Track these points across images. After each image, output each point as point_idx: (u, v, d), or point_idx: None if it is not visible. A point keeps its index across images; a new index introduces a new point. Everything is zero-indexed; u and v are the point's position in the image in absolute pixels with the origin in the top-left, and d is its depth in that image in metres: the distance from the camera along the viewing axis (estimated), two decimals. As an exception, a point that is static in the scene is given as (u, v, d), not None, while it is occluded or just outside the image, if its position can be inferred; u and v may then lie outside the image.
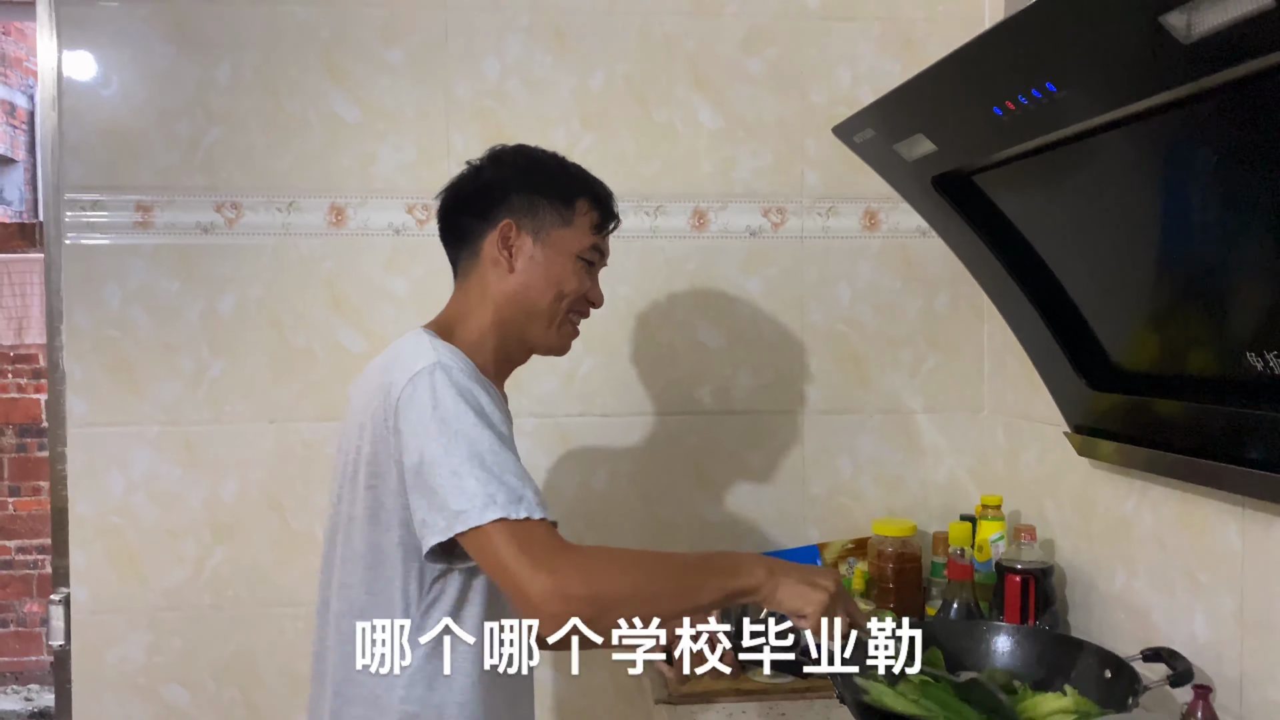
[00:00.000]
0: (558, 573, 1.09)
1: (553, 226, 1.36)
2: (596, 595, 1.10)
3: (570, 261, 1.36)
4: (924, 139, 1.43)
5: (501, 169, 1.39)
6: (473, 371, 1.24)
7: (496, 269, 1.36)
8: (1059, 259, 1.50)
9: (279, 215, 1.93)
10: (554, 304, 1.36)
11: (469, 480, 1.13)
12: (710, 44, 2.02)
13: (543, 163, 1.41)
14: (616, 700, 2.01)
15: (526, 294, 1.35)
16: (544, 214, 1.35)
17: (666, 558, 1.27)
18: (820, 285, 2.06)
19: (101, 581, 1.91)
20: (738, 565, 1.19)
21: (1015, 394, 1.99)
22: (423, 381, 1.19)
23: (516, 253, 1.35)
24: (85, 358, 1.90)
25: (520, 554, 1.10)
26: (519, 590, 1.10)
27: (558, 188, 1.37)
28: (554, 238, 1.36)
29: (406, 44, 1.95)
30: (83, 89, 1.89)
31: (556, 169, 1.40)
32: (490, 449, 1.15)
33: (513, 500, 1.12)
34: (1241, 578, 1.37)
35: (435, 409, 1.17)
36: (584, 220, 1.37)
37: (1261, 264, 1.11)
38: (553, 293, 1.36)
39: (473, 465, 1.14)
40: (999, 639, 1.54)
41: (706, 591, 1.17)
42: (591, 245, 1.38)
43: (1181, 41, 0.89)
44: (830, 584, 1.19)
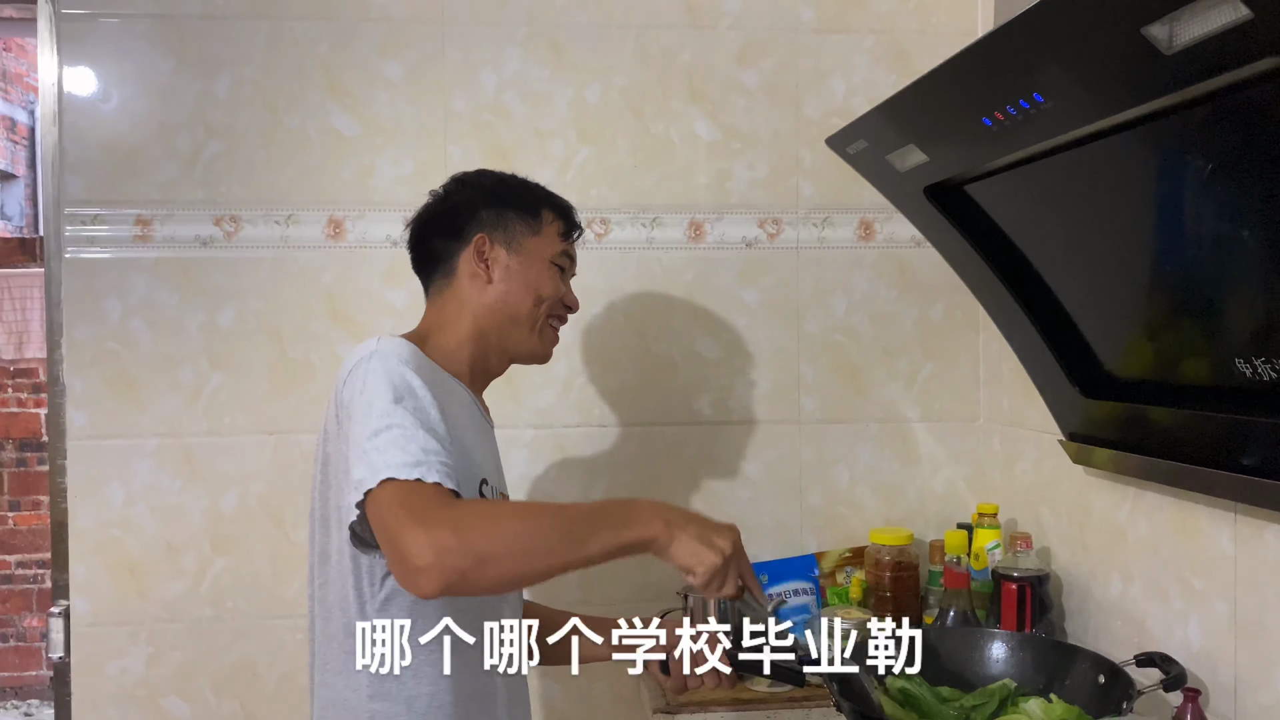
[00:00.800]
0: (432, 526, 1.05)
1: (524, 236, 1.41)
2: (470, 546, 1.05)
3: (545, 267, 1.42)
4: (916, 149, 1.44)
5: (467, 190, 1.44)
6: (415, 360, 1.24)
7: (475, 282, 1.40)
8: (1051, 268, 1.51)
9: (278, 228, 1.94)
10: (534, 309, 1.41)
11: (373, 454, 1.11)
12: (706, 57, 2.03)
13: (505, 179, 1.47)
14: (615, 710, 2.02)
15: (506, 302, 1.40)
16: (514, 225, 1.41)
17: (553, 508, 1.19)
18: (816, 295, 2.08)
19: (101, 594, 1.91)
20: (631, 516, 1.14)
21: (1011, 403, 2.00)
22: (360, 368, 1.21)
23: (493, 264, 1.40)
24: (85, 371, 1.91)
25: (399, 511, 1.08)
26: (395, 548, 1.06)
27: (522, 200, 1.44)
28: (526, 246, 1.41)
29: (404, 58, 1.97)
30: (83, 104, 1.90)
31: (519, 184, 1.47)
32: (402, 424, 1.13)
33: (408, 464, 1.10)
34: (1235, 583, 1.38)
35: (362, 392, 1.18)
36: (551, 228, 1.44)
37: (1248, 271, 1.12)
38: (532, 298, 1.40)
39: (382, 438, 1.12)
40: (995, 646, 1.55)
41: (595, 542, 1.11)
42: (562, 250, 1.44)
43: (1164, 52, 0.90)
44: (726, 545, 1.15)
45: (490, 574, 1.07)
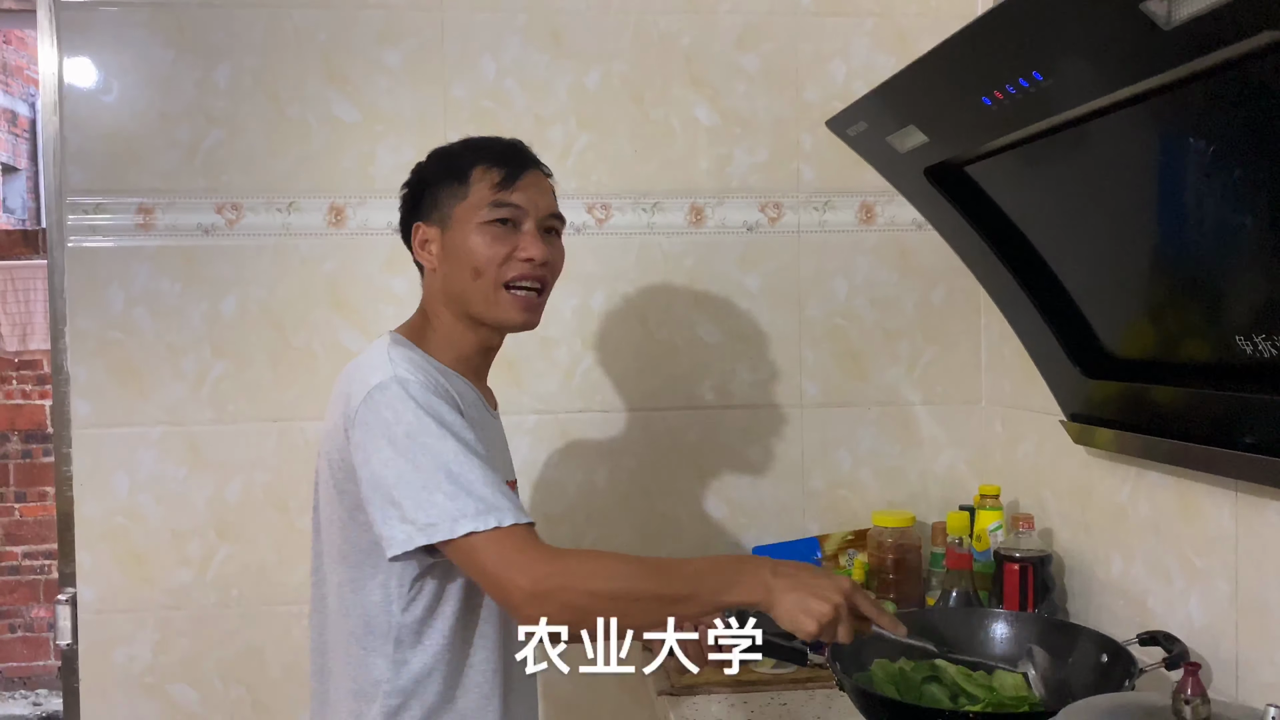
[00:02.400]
0: (534, 577, 1.09)
1: (452, 207, 1.33)
2: (573, 604, 1.09)
3: (474, 233, 1.31)
4: (916, 130, 1.44)
5: (411, 178, 1.40)
6: (432, 382, 1.23)
7: (428, 272, 1.37)
8: (1052, 249, 1.51)
9: (279, 216, 1.94)
10: (475, 281, 1.31)
11: (437, 495, 1.13)
12: (705, 41, 2.03)
13: (443, 151, 1.39)
14: (619, 692, 2.03)
15: (452, 283, 1.33)
16: (443, 201, 1.33)
17: (655, 566, 1.19)
18: (817, 279, 2.08)
19: (108, 582, 1.92)
20: (736, 578, 1.13)
21: (1012, 384, 2.01)
22: (379, 396, 1.19)
23: (432, 249, 1.34)
24: (89, 360, 1.91)
25: (497, 562, 1.11)
26: (503, 598, 1.13)
27: (450, 169, 1.35)
28: (455, 217, 1.32)
29: (404, 46, 1.97)
30: (83, 94, 1.90)
31: (450, 151, 1.38)
32: (455, 460, 1.15)
33: (481, 511, 1.12)
34: (1236, 561, 1.38)
35: (395, 424, 1.17)
36: (481, 185, 1.32)
37: (1248, 248, 1.12)
38: (468, 270, 1.31)
39: (441, 479, 1.13)
40: (998, 627, 1.56)
41: (694, 604, 1.12)
42: (491, 203, 1.31)
43: (1163, 28, 0.90)
44: (835, 595, 1.11)
45: (589, 624, 1.10)
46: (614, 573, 1.15)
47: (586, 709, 2.03)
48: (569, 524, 2.02)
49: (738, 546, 2.05)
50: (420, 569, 1.24)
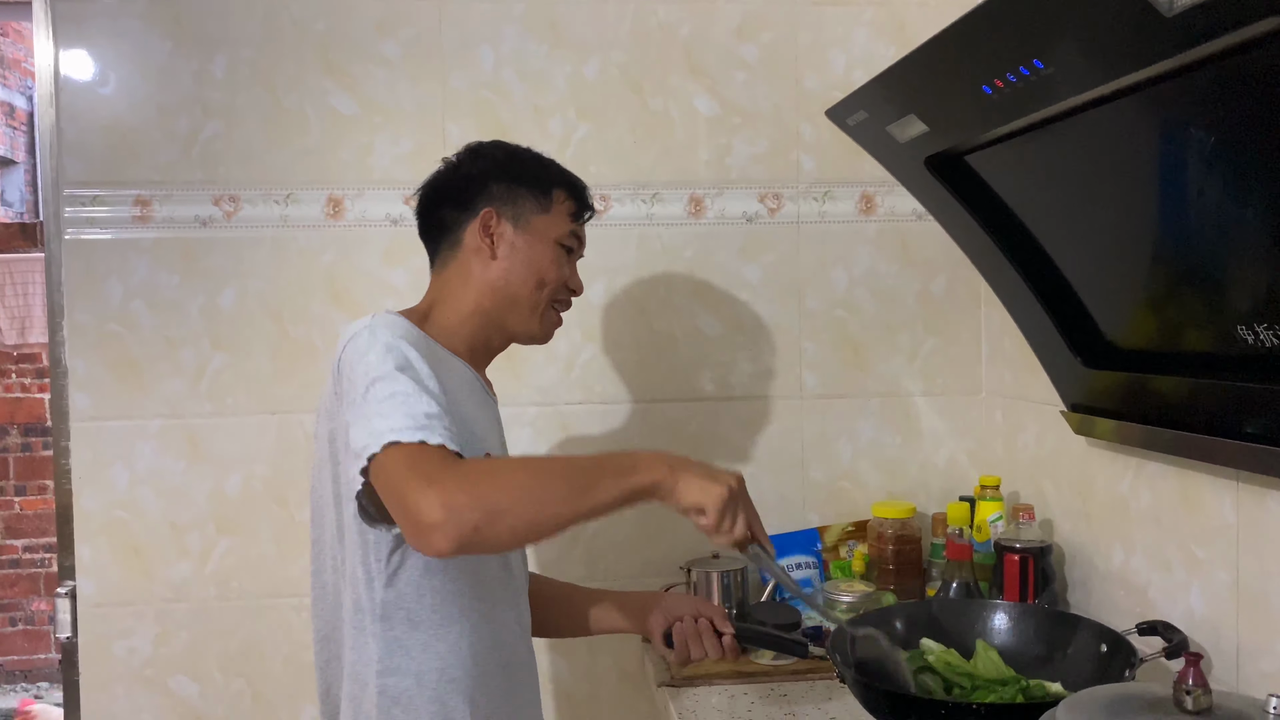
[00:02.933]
0: (441, 484, 1.06)
1: (532, 214, 1.38)
2: (481, 501, 1.07)
3: (550, 248, 1.39)
4: (916, 120, 1.43)
5: (480, 161, 1.41)
6: (410, 335, 1.24)
7: (479, 257, 1.37)
8: (1052, 238, 1.51)
9: (277, 208, 1.94)
10: (535, 292, 1.38)
11: (375, 419, 1.12)
12: (704, 31, 2.02)
13: (519, 154, 1.43)
14: (620, 684, 2.03)
15: (509, 281, 1.37)
16: (523, 202, 1.38)
17: (560, 460, 1.26)
18: (817, 270, 2.07)
19: (107, 575, 1.92)
20: (635, 463, 1.16)
21: (1013, 375, 2.00)
22: (355, 342, 1.21)
23: (498, 240, 1.37)
24: (87, 353, 1.91)
25: (407, 472, 1.08)
26: (405, 508, 1.07)
27: (535, 177, 1.40)
28: (534, 225, 1.38)
29: (401, 36, 1.96)
30: (80, 86, 1.90)
31: (533, 160, 1.43)
32: (404, 390, 1.14)
33: (411, 427, 1.10)
34: (1237, 551, 1.38)
35: (360, 361, 1.18)
36: (562, 208, 1.40)
37: (1248, 237, 1.12)
38: (534, 280, 1.38)
39: (383, 405, 1.12)
40: (998, 617, 1.55)
41: (602, 490, 1.13)
42: (570, 231, 1.41)
43: (1164, 14, 0.89)
44: (732, 479, 1.18)
45: (502, 527, 1.08)
46: (519, 471, 1.16)
47: (587, 699, 2.04)
48: (569, 516, 2.02)
49: (738, 538, 2.04)
50: (394, 541, 1.24)
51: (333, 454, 1.28)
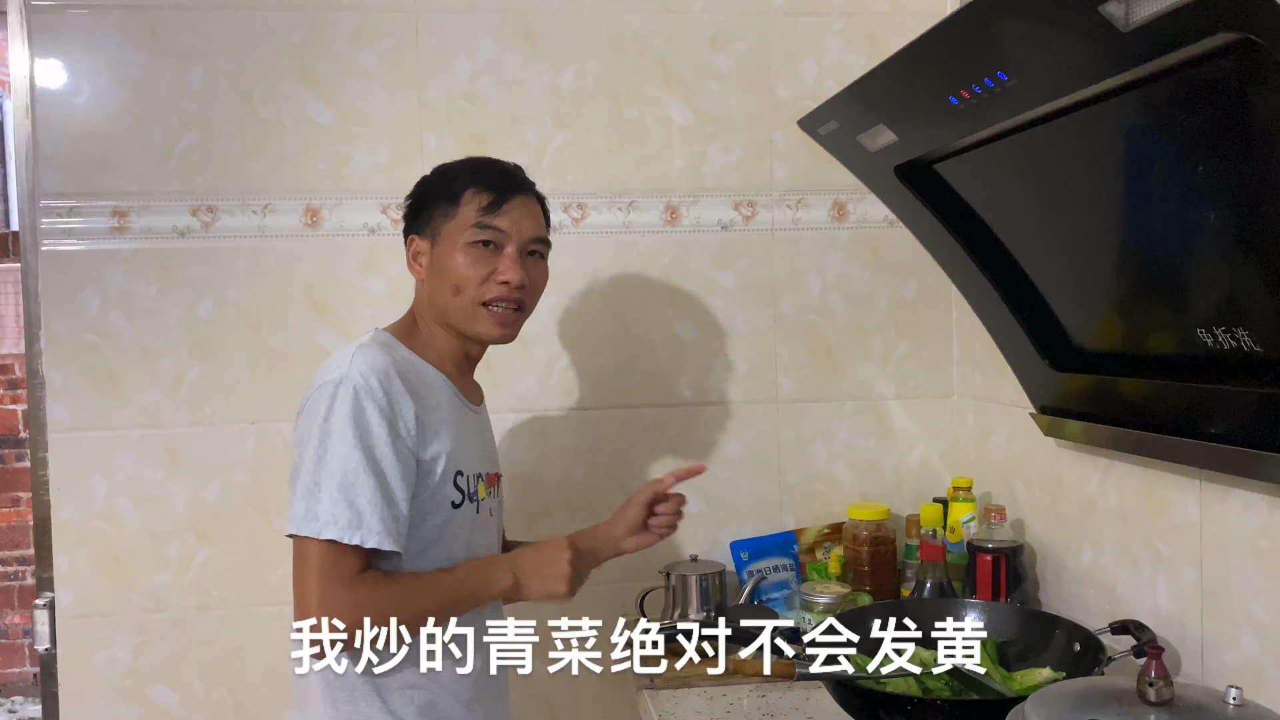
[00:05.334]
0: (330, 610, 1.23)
1: (441, 225, 1.42)
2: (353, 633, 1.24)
3: (458, 252, 1.40)
4: (885, 129, 1.47)
5: (411, 192, 1.49)
6: (386, 372, 1.31)
7: (418, 281, 1.47)
8: (1019, 244, 1.54)
9: (255, 218, 1.94)
10: (455, 297, 1.40)
11: (323, 494, 1.24)
12: (678, 41, 2.05)
13: (439, 170, 1.48)
14: (600, 688, 2.04)
15: (434, 295, 1.43)
16: (435, 218, 1.42)
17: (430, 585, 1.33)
18: (791, 276, 2.10)
19: (86, 585, 1.92)
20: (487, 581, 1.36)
21: (983, 378, 2.04)
22: (325, 393, 1.28)
23: (420, 261, 1.45)
24: (65, 364, 1.91)
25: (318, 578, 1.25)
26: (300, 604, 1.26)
27: (444, 189, 1.43)
28: (444, 235, 1.41)
29: (378, 47, 1.97)
30: (56, 97, 1.90)
31: (447, 172, 1.46)
32: (354, 470, 1.25)
33: (352, 525, 1.24)
34: (1200, 548, 1.42)
35: (325, 420, 1.27)
36: (469, 208, 1.40)
37: (1207, 243, 1.15)
38: (449, 286, 1.40)
39: (332, 484, 1.24)
40: (971, 617, 1.58)
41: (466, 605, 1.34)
42: (475, 225, 1.39)
43: (1120, 30, 0.93)
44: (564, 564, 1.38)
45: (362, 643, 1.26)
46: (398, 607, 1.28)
47: (567, 704, 2.05)
48: (547, 521, 2.03)
49: (715, 542, 2.07)
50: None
51: None
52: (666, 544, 2.05)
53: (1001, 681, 1.42)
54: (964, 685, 1.42)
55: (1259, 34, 0.85)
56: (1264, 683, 1.30)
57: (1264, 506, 1.29)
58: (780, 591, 1.93)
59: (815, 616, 1.72)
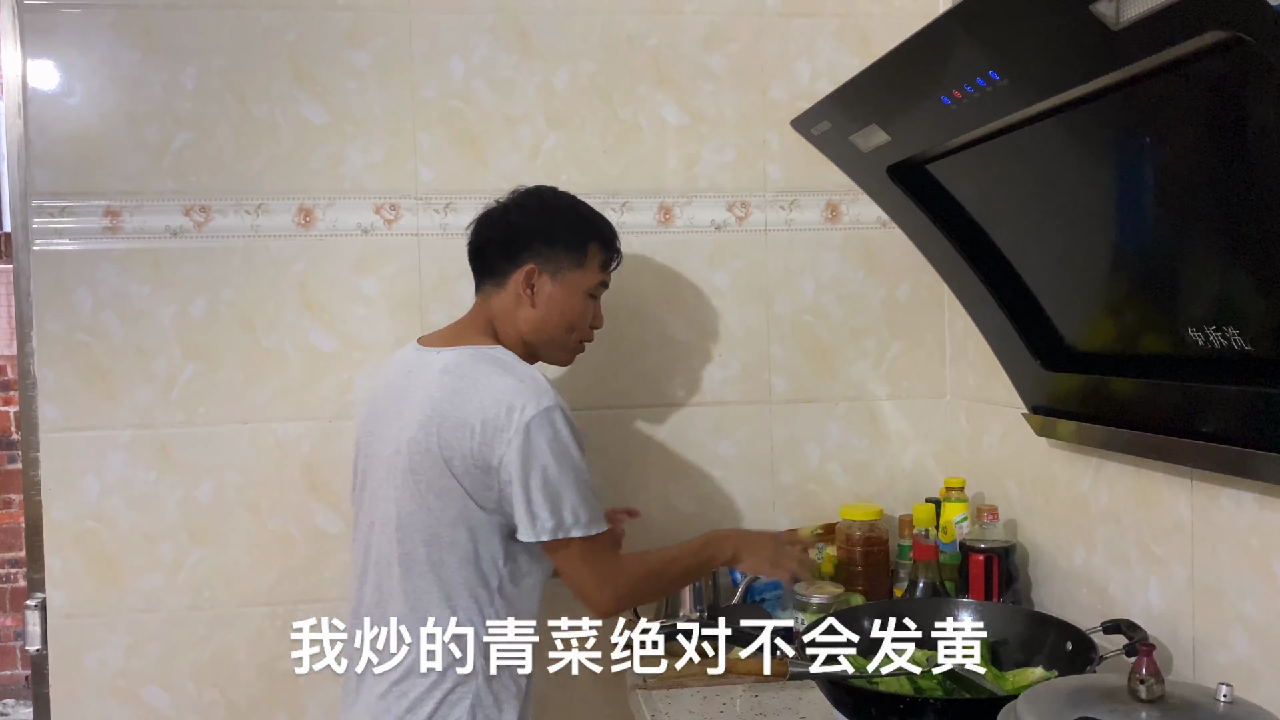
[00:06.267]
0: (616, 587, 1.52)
1: (568, 269, 1.59)
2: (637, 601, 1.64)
3: (581, 299, 1.61)
4: (878, 129, 1.47)
5: (526, 215, 1.61)
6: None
7: (520, 302, 1.59)
8: (1012, 245, 1.54)
9: (248, 218, 1.94)
10: (566, 335, 1.62)
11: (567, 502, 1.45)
12: (672, 42, 2.05)
13: (561, 210, 1.64)
14: (592, 687, 2.04)
15: (544, 326, 1.60)
16: (561, 258, 1.59)
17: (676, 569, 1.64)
18: (785, 277, 2.10)
19: (78, 586, 1.91)
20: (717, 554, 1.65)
21: (976, 379, 2.04)
22: (548, 419, 1.45)
23: (538, 291, 1.58)
24: (57, 364, 1.90)
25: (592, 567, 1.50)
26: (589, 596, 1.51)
27: (573, 233, 1.61)
28: (569, 278, 1.59)
29: (372, 46, 1.97)
30: (49, 97, 1.89)
31: (573, 216, 1.64)
32: (582, 478, 1.47)
33: (594, 519, 1.47)
34: (1192, 547, 1.42)
35: (555, 442, 1.45)
36: (594, 262, 1.61)
37: (1197, 242, 1.16)
38: (566, 326, 1.61)
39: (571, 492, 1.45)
40: (963, 616, 1.59)
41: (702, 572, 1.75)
42: (599, 282, 1.64)
43: (1111, 28, 0.93)
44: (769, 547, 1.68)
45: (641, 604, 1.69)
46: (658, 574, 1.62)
47: (562, 704, 2.05)
48: (541, 522, 2.03)
49: (709, 542, 2.07)
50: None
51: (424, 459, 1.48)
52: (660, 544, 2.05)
53: (994, 681, 1.42)
54: (956, 685, 1.42)
55: (1249, 32, 0.86)
56: (1255, 681, 1.30)
57: (1255, 505, 1.30)
58: (773, 592, 1.93)
59: (808, 617, 1.72)
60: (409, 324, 1.98)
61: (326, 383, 1.97)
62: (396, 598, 1.49)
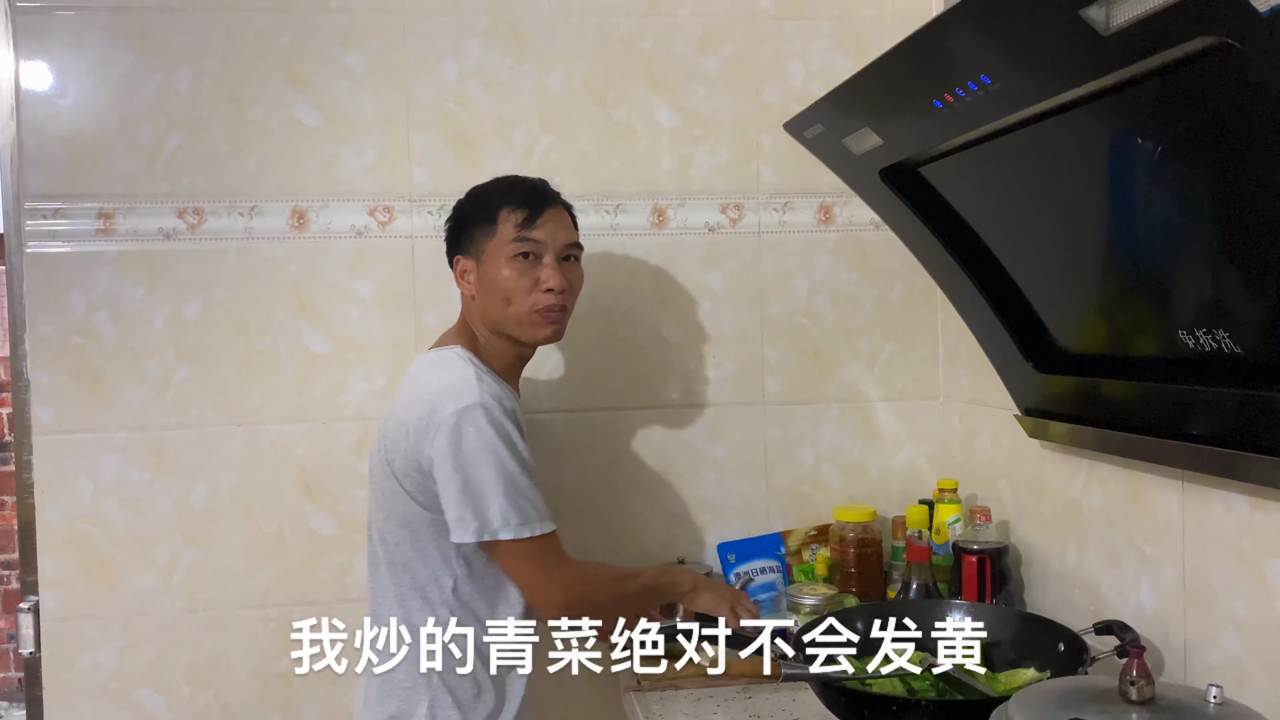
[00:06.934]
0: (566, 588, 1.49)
1: (484, 242, 1.57)
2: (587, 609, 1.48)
3: (503, 266, 1.55)
4: (870, 133, 1.47)
5: (450, 216, 1.65)
6: (502, 404, 1.47)
7: (467, 298, 1.62)
8: (1004, 247, 1.55)
9: (241, 220, 1.94)
10: (507, 308, 1.56)
11: (494, 503, 1.43)
12: (666, 44, 2.06)
13: (473, 193, 1.63)
14: (588, 688, 2.04)
15: (488, 309, 1.58)
16: (477, 238, 1.57)
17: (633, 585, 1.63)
18: (778, 279, 2.11)
19: (72, 588, 1.91)
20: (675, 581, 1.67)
21: (969, 380, 2.05)
22: (467, 417, 1.43)
23: (468, 279, 1.60)
24: (50, 366, 1.90)
25: (536, 567, 1.48)
26: (536, 597, 1.51)
27: (481, 208, 1.58)
28: (487, 252, 1.57)
29: (365, 48, 1.97)
30: (41, 98, 1.89)
31: (482, 193, 1.61)
32: (512, 476, 1.44)
33: (527, 520, 1.45)
34: (1183, 548, 1.43)
35: (473, 440, 1.43)
36: (507, 224, 1.56)
37: (1188, 245, 1.16)
38: (500, 299, 1.56)
39: (497, 492, 1.43)
40: (956, 617, 1.59)
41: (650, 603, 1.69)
42: (515, 239, 1.55)
43: (1101, 33, 0.94)
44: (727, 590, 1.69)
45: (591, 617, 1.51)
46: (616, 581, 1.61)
47: (555, 705, 2.04)
48: (536, 523, 2.03)
49: (702, 544, 2.07)
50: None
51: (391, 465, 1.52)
52: (653, 545, 2.07)
53: (986, 682, 1.42)
54: (949, 686, 1.42)
55: (1236, 38, 0.86)
56: (1246, 682, 1.31)
57: (1246, 507, 1.30)
58: (767, 593, 1.93)
59: (802, 618, 1.72)
60: (403, 326, 1.98)
61: (320, 385, 1.97)
62: (370, 597, 1.60)
